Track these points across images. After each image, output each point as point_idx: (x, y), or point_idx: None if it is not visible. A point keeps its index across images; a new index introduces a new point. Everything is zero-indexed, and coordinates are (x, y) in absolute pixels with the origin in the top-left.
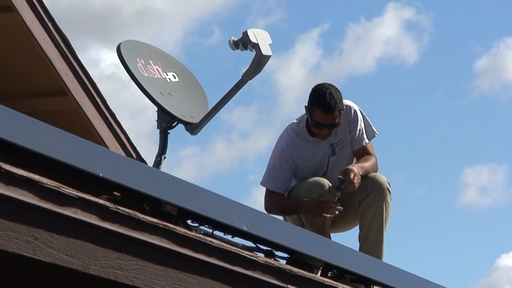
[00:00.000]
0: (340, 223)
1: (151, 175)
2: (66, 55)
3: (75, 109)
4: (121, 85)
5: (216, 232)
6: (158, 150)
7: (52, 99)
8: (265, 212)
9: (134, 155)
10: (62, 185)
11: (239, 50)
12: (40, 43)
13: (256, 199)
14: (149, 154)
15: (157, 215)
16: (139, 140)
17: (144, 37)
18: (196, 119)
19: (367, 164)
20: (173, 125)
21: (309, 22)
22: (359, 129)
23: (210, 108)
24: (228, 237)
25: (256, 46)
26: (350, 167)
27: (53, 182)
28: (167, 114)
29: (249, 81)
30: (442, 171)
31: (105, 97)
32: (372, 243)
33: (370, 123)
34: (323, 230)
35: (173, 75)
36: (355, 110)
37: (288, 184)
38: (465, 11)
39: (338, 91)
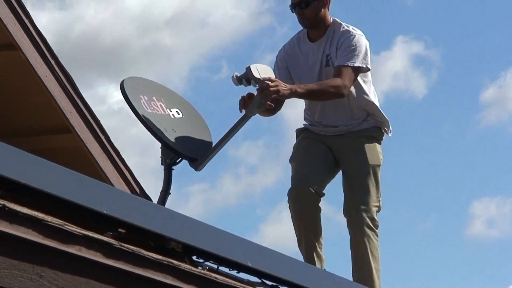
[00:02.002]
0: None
1: (156, 211)
2: (70, 92)
3: (79, 146)
4: (130, 121)
5: (221, 268)
6: (163, 186)
7: (56, 136)
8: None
9: (139, 192)
10: (66, 223)
11: (242, 86)
12: (44, 81)
13: (264, 234)
14: (156, 190)
15: (161, 252)
16: (147, 176)
17: (153, 73)
18: (200, 155)
19: (318, 84)
20: (177, 161)
21: None
22: (344, 49)
23: (214, 144)
24: (233, 272)
25: (259, 81)
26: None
27: (57, 220)
28: (171, 150)
29: (257, 117)
30: (450, 203)
31: (113, 133)
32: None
33: (366, 54)
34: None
35: (176, 111)
36: (351, 33)
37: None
38: (472, 43)
39: None
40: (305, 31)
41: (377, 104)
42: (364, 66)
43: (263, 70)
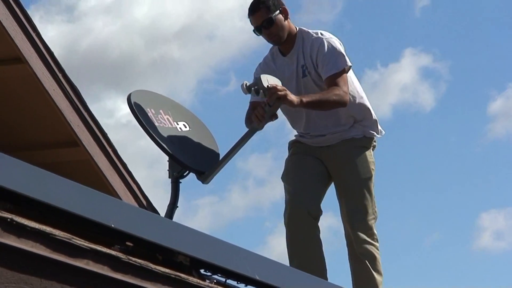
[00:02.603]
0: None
1: (163, 225)
2: (77, 105)
3: (87, 160)
4: (138, 134)
5: (229, 281)
6: (170, 199)
7: (63, 150)
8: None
9: (146, 205)
10: (74, 237)
11: (250, 95)
12: (51, 94)
13: (272, 247)
14: (165, 203)
15: (169, 265)
16: (155, 189)
17: (161, 86)
18: (207, 168)
19: (321, 94)
20: (185, 174)
21: None
22: (324, 58)
23: (221, 156)
24: (241, 286)
25: (267, 91)
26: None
27: (65, 233)
28: (178, 163)
29: (265, 129)
30: (458, 215)
31: (121, 146)
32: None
33: (344, 53)
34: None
35: (184, 124)
36: (323, 39)
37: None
38: (480, 54)
39: None
40: (276, 47)
41: (364, 101)
42: (349, 65)
43: (272, 81)
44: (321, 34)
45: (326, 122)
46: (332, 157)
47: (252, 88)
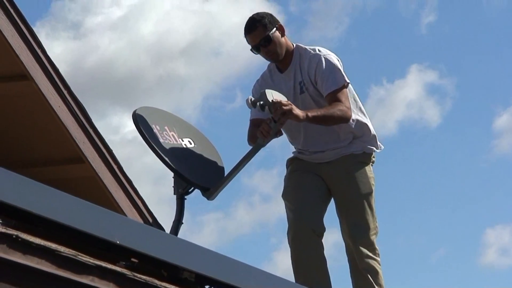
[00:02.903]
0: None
1: (168, 241)
2: (82, 122)
3: (92, 176)
4: (144, 150)
5: None
6: (175, 216)
7: (68, 166)
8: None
9: (151, 221)
10: (79, 253)
11: (256, 110)
12: (56, 111)
13: (278, 262)
14: (170, 219)
15: (174, 282)
16: (161, 206)
17: (166, 102)
18: (212, 185)
19: (325, 109)
20: (190, 190)
21: None
22: (323, 76)
23: (226, 173)
24: None
25: (272, 106)
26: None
27: (70, 250)
28: (183, 180)
29: (270, 145)
30: (463, 231)
31: (127, 163)
32: None
33: (342, 69)
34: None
35: (189, 140)
36: (321, 56)
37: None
38: (485, 70)
39: (265, 13)
40: (274, 64)
41: (363, 117)
42: (348, 81)
43: (277, 96)
44: (319, 50)
45: (326, 138)
46: (331, 173)
47: (258, 103)
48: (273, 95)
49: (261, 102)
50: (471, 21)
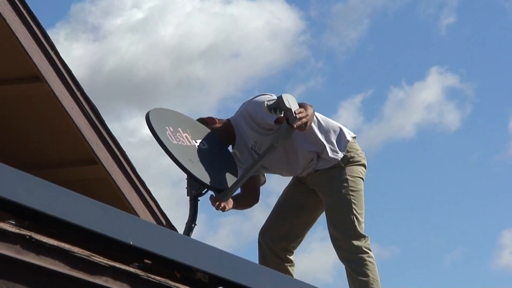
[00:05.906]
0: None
1: (182, 242)
2: (95, 124)
3: (105, 178)
4: (162, 152)
5: None
6: (188, 217)
7: (81, 168)
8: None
9: (165, 223)
10: (93, 254)
11: (272, 115)
12: (69, 113)
13: None
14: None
15: (188, 283)
16: (179, 207)
17: (185, 105)
18: (225, 186)
19: (306, 108)
20: (203, 192)
21: (351, 88)
22: (257, 113)
23: (239, 175)
24: None
25: (289, 112)
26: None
27: (84, 251)
28: (197, 181)
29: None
30: (479, 233)
31: (145, 164)
32: None
33: (262, 101)
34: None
35: (202, 142)
36: (245, 106)
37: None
38: (502, 73)
39: None
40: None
41: (317, 133)
42: (269, 99)
43: (292, 101)
44: (242, 104)
45: (296, 166)
46: (314, 182)
47: (273, 108)
48: (289, 100)
49: (277, 107)
50: (489, 21)
